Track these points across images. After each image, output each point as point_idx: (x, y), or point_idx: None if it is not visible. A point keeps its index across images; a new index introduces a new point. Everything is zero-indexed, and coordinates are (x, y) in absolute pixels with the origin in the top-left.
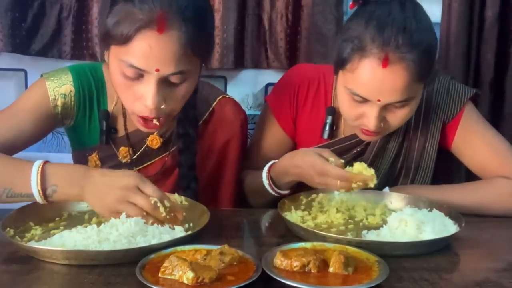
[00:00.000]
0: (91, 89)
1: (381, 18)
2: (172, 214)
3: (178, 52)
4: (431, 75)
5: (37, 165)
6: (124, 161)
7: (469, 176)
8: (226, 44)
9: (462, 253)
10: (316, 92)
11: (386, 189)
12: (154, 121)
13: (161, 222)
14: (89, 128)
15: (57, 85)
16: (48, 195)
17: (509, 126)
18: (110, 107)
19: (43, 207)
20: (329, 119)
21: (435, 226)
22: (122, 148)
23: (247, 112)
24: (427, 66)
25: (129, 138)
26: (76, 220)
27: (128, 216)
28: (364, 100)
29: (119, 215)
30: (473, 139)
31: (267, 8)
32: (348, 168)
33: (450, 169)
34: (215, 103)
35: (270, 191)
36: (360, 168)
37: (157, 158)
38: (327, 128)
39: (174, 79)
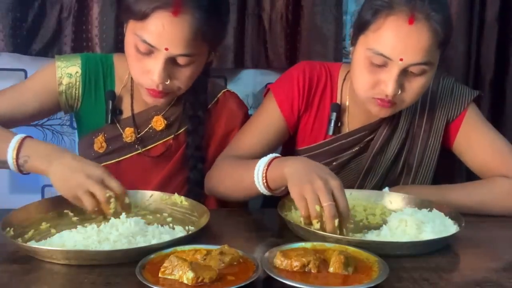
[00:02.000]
0: (98, 72)
1: None
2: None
3: (188, 35)
4: (446, 48)
5: (18, 136)
6: (128, 141)
7: (470, 178)
8: (226, 44)
9: (462, 253)
10: (324, 88)
11: (386, 189)
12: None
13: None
14: (95, 110)
15: (65, 66)
16: (20, 165)
17: (509, 126)
18: (118, 89)
19: (43, 207)
20: (333, 116)
21: (435, 226)
22: (127, 128)
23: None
24: (448, 33)
25: (135, 118)
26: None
27: (81, 205)
28: (383, 64)
29: (80, 202)
30: (475, 138)
31: (267, 8)
32: None
33: (451, 171)
34: (220, 94)
35: (266, 192)
36: None
37: (160, 141)
38: (332, 124)
39: (181, 60)
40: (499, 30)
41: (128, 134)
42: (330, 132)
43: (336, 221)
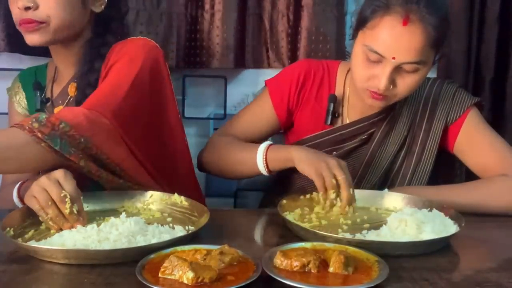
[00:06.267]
0: (32, 76)
1: None
2: (77, 216)
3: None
4: (442, 47)
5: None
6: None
7: (470, 180)
8: (226, 44)
9: (462, 253)
10: (321, 81)
11: (386, 189)
12: None
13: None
14: (32, 107)
15: (13, 90)
16: None
17: (509, 126)
18: (48, 84)
19: None
20: (330, 106)
21: (435, 226)
22: (56, 108)
23: None
24: (442, 34)
25: (58, 95)
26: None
27: (31, 205)
28: (378, 61)
29: (35, 203)
30: (475, 139)
31: (268, 8)
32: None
33: (451, 175)
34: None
35: (265, 172)
36: None
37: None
38: (329, 114)
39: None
40: (499, 30)
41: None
42: (328, 122)
43: (351, 190)
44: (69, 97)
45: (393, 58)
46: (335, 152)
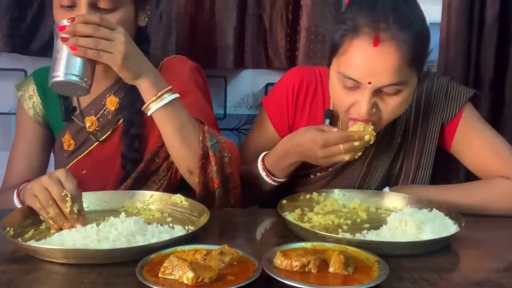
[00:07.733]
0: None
1: (373, 1)
2: (77, 215)
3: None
4: (424, 64)
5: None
6: (91, 130)
7: (468, 178)
8: (226, 44)
9: (462, 253)
10: (314, 94)
11: (386, 189)
12: None
13: (62, 220)
14: (57, 114)
15: (25, 90)
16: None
17: (508, 126)
18: None
19: None
20: (326, 122)
21: (435, 226)
22: (87, 118)
23: (247, 112)
24: (419, 50)
25: (89, 106)
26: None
27: (32, 204)
28: (356, 86)
29: (36, 202)
30: (473, 139)
31: (267, 8)
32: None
33: (449, 171)
34: (163, 61)
35: (267, 180)
36: (359, 127)
37: (120, 123)
38: None
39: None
40: (499, 30)
41: (89, 123)
42: None
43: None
44: (105, 108)
45: (369, 83)
46: (330, 169)
